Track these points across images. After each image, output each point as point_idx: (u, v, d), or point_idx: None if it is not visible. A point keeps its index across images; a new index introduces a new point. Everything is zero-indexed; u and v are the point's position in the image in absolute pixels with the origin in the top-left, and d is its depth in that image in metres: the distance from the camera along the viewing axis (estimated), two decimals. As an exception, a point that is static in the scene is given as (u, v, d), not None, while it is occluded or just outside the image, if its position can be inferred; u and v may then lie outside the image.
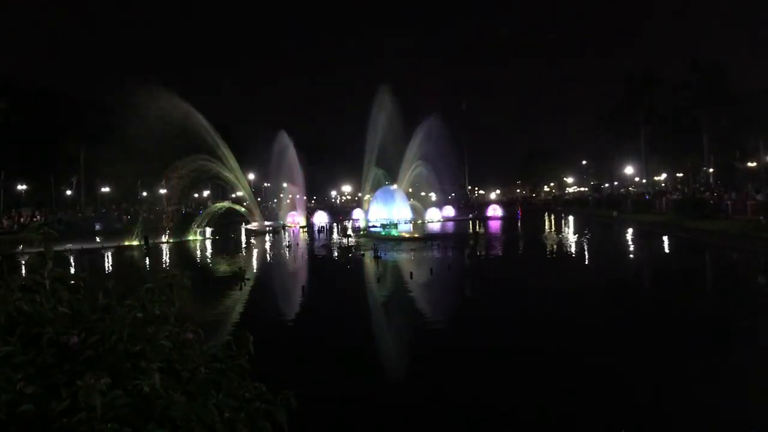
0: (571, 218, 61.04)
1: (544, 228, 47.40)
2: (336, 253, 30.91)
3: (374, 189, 64.52)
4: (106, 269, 27.57)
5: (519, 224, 53.98)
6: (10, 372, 1.65)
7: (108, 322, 1.87)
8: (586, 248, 30.17)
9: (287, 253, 32.24)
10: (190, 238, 43.64)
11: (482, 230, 43.95)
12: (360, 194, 79.09)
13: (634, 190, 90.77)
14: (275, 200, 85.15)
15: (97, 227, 55.37)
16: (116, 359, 1.75)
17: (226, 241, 44.18)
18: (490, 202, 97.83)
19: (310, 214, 67.84)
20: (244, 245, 41.20)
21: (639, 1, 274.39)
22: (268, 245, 38.78)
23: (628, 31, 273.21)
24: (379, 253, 26.59)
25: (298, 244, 38.29)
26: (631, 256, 28.91)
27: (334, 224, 59.93)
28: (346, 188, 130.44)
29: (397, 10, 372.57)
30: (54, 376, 1.68)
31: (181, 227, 44.54)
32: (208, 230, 48.20)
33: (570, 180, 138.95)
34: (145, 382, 1.66)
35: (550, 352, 10.58)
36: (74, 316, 1.92)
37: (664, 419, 7.45)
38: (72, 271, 2.29)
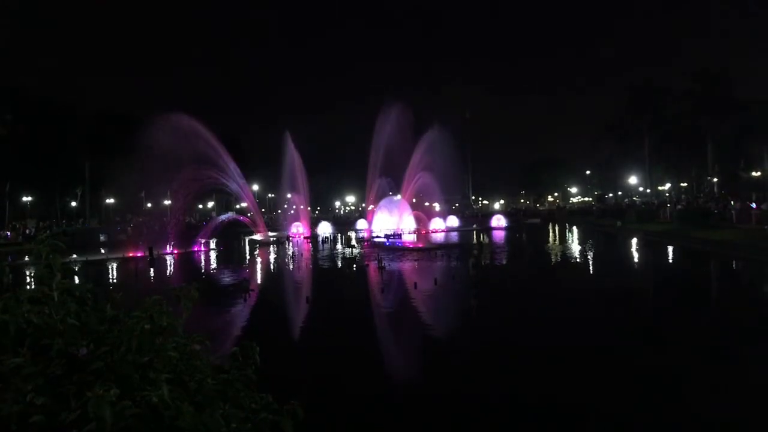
0: (575, 228, 60.90)
1: (548, 239, 47.28)
2: (340, 264, 30.88)
3: (378, 199, 64.59)
4: (112, 281, 27.60)
5: (523, 235, 53.84)
6: (21, 383, 1.67)
7: (116, 334, 1.89)
8: (590, 258, 30.06)
9: (291, 263, 32.24)
10: (195, 249, 43.68)
11: (486, 240, 43.85)
12: (364, 204, 79.06)
13: (638, 199, 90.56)
14: (278, 211, 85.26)
15: (102, 238, 55.53)
16: (125, 370, 1.76)
17: (231, 252, 44.21)
18: (494, 212, 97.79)
19: (314, 224, 67.84)
20: (248, 256, 41.21)
21: (643, 10, 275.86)
22: (272, 256, 38.77)
23: (631, 39, 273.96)
24: (383, 264, 26.56)
25: (302, 254, 38.28)
26: (635, 266, 28.80)
27: (338, 234, 59.89)
28: (350, 198, 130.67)
29: (399, 15, 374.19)
30: (63, 387, 1.70)
31: (186, 238, 44.60)
32: (213, 241, 48.26)
33: (574, 190, 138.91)
34: (153, 392, 1.68)
35: (555, 356, 10.53)
36: (83, 328, 1.94)
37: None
38: (78, 282, 2.30)
